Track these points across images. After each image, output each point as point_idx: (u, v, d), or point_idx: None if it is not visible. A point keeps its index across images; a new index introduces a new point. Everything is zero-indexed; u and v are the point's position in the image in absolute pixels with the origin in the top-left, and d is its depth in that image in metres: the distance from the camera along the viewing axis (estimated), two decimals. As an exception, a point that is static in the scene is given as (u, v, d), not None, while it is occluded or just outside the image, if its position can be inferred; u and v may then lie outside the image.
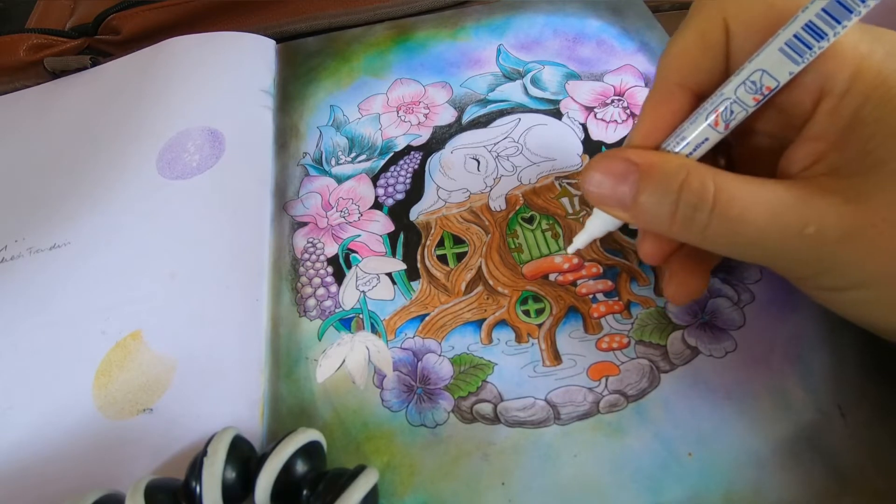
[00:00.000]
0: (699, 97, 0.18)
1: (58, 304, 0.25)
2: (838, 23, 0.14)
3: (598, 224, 0.20)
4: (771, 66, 0.16)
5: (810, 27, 0.15)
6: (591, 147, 0.28)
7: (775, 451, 0.19)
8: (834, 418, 0.20)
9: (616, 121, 0.29)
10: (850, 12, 0.14)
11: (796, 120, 0.17)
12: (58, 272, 0.26)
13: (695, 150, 0.17)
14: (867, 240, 0.15)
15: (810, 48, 0.15)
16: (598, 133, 0.28)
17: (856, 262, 0.15)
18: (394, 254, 0.25)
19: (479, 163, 0.28)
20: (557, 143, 0.28)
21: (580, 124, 0.29)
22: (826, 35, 0.15)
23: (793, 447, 0.19)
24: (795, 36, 0.15)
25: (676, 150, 0.17)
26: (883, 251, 0.15)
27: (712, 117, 0.17)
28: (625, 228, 0.25)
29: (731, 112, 0.16)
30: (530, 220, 0.26)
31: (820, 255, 0.16)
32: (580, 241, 0.21)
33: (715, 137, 0.17)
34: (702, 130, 0.17)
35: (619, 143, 0.28)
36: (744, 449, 0.19)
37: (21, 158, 0.31)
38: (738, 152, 0.20)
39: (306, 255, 0.26)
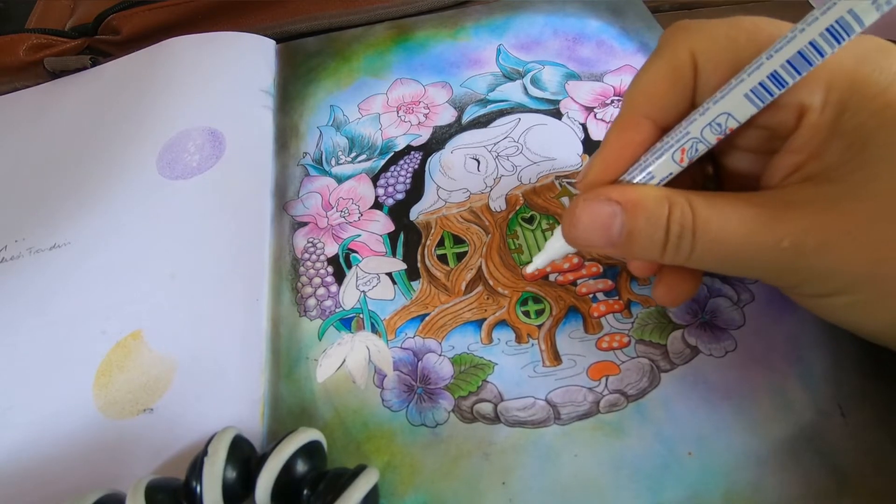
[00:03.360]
0: (662, 128, 0.18)
1: (58, 304, 0.25)
2: (799, 73, 0.15)
3: (560, 247, 0.20)
4: (735, 109, 0.16)
5: (774, 77, 0.15)
6: (591, 147, 0.28)
7: (775, 451, 0.19)
8: (834, 418, 0.20)
9: (616, 121, 0.29)
10: (810, 64, 0.15)
11: (781, 134, 0.17)
12: (58, 272, 0.26)
13: (659, 183, 0.18)
14: (843, 248, 0.15)
15: (772, 95, 0.16)
16: (598, 133, 0.28)
17: (835, 270, 0.16)
18: (394, 254, 0.25)
19: (479, 163, 0.28)
20: (557, 142, 0.28)
21: (580, 124, 0.29)
22: (787, 83, 0.15)
23: (793, 447, 0.19)
24: (760, 84, 0.15)
25: (637, 181, 0.18)
26: (859, 257, 0.15)
27: (678, 154, 0.17)
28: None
29: (696, 150, 0.17)
30: (530, 221, 0.26)
31: (798, 266, 0.16)
32: (540, 261, 0.21)
33: (677, 171, 0.17)
34: (667, 165, 0.17)
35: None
36: (744, 449, 0.19)
37: (21, 158, 0.31)
38: (724, 164, 0.20)
39: (306, 255, 0.26)
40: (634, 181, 0.18)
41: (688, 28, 0.18)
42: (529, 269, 0.21)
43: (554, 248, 0.20)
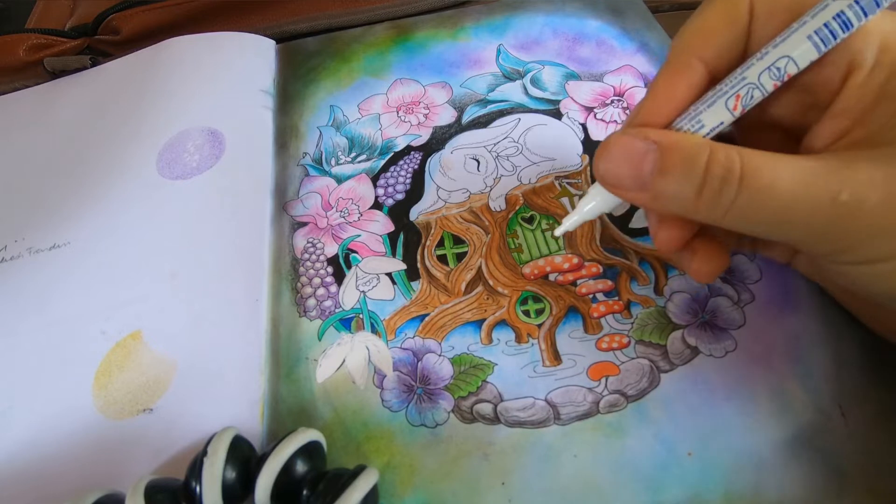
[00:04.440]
0: (713, 75, 0.17)
1: (58, 304, 0.25)
2: (866, 15, 0.15)
3: (593, 206, 0.19)
4: (797, 53, 0.16)
5: (840, 17, 0.15)
6: (591, 147, 0.28)
7: (775, 451, 0.19)
8: (834, 418, 0.20)
9: (616, 121, 0.29)
10: (878, 6, 0.15)
11: (822, 98, 0.16)
12: (58, 272, 0.26)
13: (709, 132, 0.17)
14: None
15: (836, 38, 0.15)
16: (598, 133, 0.28)
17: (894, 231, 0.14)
18: (394, 254, 0.25)
19: (478, 163, 0.28)
20: (557, 143, 0.28)
21: (580, 124, 0.29)
22: (853, 25, 0.15)
23: (793, 447, 0.19)
24: (825, 25, 0.15)
25: (690, 130, 0.17)
26: None
27: (732, 101, 0.16)
28: (624, 227, 0.25)
29: (752, 97, 0.16)
30: (530, 220, 0.26)
31: (853, 225, 0.15)
32: (570, 222, 0.19)
33: (729, 121, 0.17)
34: (719, 113, 0.16)
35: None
36: (744, 449, 0.19)
37: (21, 158, 0.31)
38: (752, 143, 0.19)
39: (306, 255, 0.26)
40: (683, 129, 0.17)
41: None
42: (558, 231, 0.20)
43: (589, 208, 0.19)
